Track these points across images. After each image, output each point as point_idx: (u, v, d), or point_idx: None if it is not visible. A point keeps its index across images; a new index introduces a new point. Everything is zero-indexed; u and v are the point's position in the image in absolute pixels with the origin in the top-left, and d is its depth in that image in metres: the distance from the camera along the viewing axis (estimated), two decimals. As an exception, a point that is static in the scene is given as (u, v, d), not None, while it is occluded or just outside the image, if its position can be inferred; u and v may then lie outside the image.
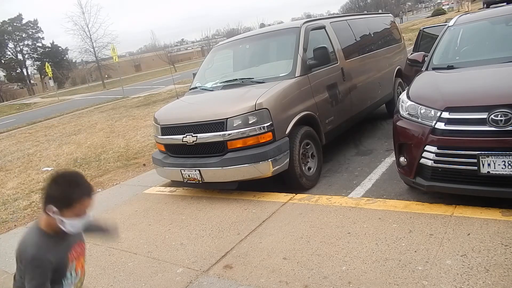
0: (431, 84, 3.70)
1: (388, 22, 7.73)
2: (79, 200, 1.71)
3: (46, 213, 1.71)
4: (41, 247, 1.73)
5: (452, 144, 3.10)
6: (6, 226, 5.15)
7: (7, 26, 64.77)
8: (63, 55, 68.07)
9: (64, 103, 29.95)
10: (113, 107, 18.82)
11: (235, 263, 3.12)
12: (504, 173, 2.89)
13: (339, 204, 3.78)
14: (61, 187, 1.70)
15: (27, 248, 1.73)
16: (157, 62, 59.02)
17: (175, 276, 3.11)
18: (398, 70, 7.36)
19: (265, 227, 3.61)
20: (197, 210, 4.35)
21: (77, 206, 1.70)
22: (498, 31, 4.23)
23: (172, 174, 4.73)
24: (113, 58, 27.25)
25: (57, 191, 1.70)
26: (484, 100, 3.05)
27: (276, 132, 4.15)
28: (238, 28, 68.09)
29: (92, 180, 6.57)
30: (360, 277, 2.61)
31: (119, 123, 12.58)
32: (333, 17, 6.19)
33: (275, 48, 5.51)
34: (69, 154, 9.06)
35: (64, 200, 1.69)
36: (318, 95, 4.85)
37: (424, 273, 2.51)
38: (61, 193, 1.69)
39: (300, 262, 2.93)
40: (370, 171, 4.72)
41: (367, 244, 2.97)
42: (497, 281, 2.31)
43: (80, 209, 1.72)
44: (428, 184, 3.32)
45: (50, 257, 1.73)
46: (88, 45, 46.75)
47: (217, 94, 5.01)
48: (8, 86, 63.78)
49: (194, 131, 4.37)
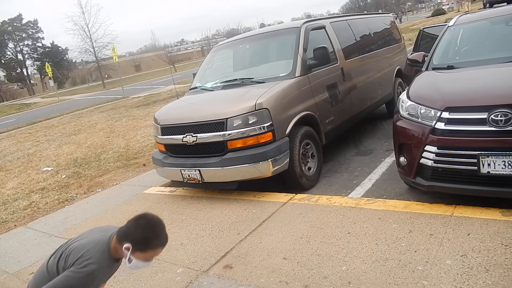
0: (431, 84, 3.70)
1: (388, 22, 7.73)
2: (155, 249, 1.81)
3: (120, 245, 1.79)
4: (101, 268, 1.80)
5: (452, 144, 3.10)
6: (6, 226, 5.16)
7: (7, 26, 64.77)
8: (63, 55, 68.07)
9: (64, 103, 29.95)
10: (113, 107, 18.82)
11: (235, 263, 3.11)
12: (504, 173, 2.89)
13: (339, 204, 3.77)
14: (145, 232, 1.79)
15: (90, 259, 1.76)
16: (157, 62, 59.03)
17: (175, 276, 3.11)
18: (398, 70, 7.37)
19: (265, 227, 3.61)
20: (197, 210, 4.35)
21: (149, 253, 1.81)
22: (498, 31, 4.23)
23: (172, 174, 4.73)
24: (113, 58, 27.25)
25: (139, 234, 1.78)
26: (484, 100, 3.05)
27: (276, 132, 4.15)
28: (238, 28, 68.11)
29: (92, 180, 6.57)
30: (360, 277, 2.61)
31: (119, 123, 12.58)
32: (333, 17, 6.18)
33: (275, 48, 5.51)
34: (69, 154, 9.06)
35: (142, 245, 1.78)
36: (318, 95, 4.85)
37: (424, 273, 2.51)
38: (142, 238, 1.78)
39: (300, 262, 2.93)
40: (370, 171, 4.72)
41: (367, 244, 2.97)
42: (497, 281, 2.31)
43: (151, 256, 1.81)
44: (428, 184, 3.32)
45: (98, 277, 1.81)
46: (88, 45, 46.80)
47: (217, 94, 5.01)
48: (8, 86, 63.78)
49: (194, 131, 4.37)
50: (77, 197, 5.84)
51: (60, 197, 5.93)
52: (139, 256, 1.80)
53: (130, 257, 1.79)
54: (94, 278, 1.80)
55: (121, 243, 1.79)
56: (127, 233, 1.80)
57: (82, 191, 6.10)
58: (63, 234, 4.47)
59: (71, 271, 1.76)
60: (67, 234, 4.40)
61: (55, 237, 4.43)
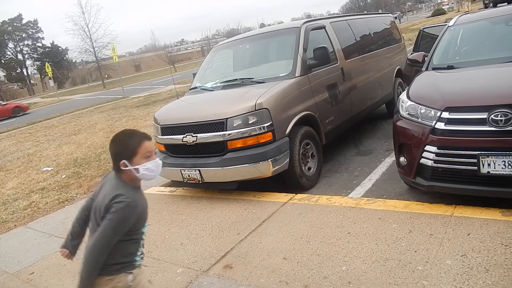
0: (431, 84, 3.70)
1: (388, 22, 7.73)
2: (140, 144, 1.87)
3: (123, 170, 1.88)
4: (135, 198, 1.87)
5: (452, 144, 3.10)
6: (6, 226, 5.15)
7: (7, 26, 64.79)
8: (63, 55, 68.09)
9: (64, 103, 29.94)
10: (113, 107, 18.82)
11: (235, 263, 3.11)
12: (504, 173, 2.89)
13: (339, 204, 3.77)
14: (120, 142, 1.90)
15: (121, 196, 1.82)
16: (157, 62, 59.01)
17: (175, 276, 3.11)
18: (398, 70, 7.36)
19: (265, 227, 3.61)
20: (197, 210, 4.35)
21: (141, 151, 1.87)
22: (498, 31, 4.23)
23: (172, 174, 4.73)
24: (113, 58, 27.22)
25: (119, 147, 1.89)
26: (484, 100, 3.05)
27: (276, 132, 4.15)
28: (238, 28, 68.14)
29: (92, 180, 6.57)
30: (360, 277, 2.61)
31: (119, 123, 12.58)
32: (333, 17, 6.19)
33: (275, 48, 5.51)
34: (69, 154, 9.06)
35: (128, 151, 1.86)
36: (318, 95, 4.85)
37: (424, 273, 2.51)
38: (123, 147, 1.88)
39: (300, 262, 2.93)
40: (370, 171, 4.72)
41: (367, 244, 2.97)
42: (497, 281, 2.31)
43: (146, 152, 1.88)
44: (428, 184, 3.32)
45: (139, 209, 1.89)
46: (88, 45, 46.82)
47: (217, 94, 5.01)
48: (8, 86, 63.74)
49: (194, 131, 4.37)
50: (77, 197, 5.84)
51: (60, 197, 5.93)
52: (138, 161, 1.87)
53: (133, 168, 1.86)
54: (135, 210, 1.86)
55: (119, 168, 1.87)
56: (114, 157, 1.90)
57: (82, 191, 6.10)
58: (63, 234, 4.47)
59: (111, 213, 1.80)
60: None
61: (55, 237, 4.43)
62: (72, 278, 3.41)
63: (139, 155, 1.87)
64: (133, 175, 1.89)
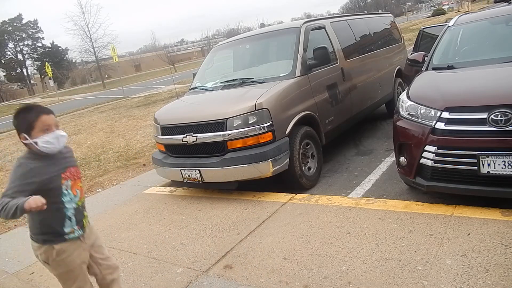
0: (431, 84, 3.70)
1: (388, 22, 7.73)
2: (37, 118, 1.97)
3: (24, 143, 2.00)
4: (28, 158, 2.01)
5: (452, 144, 3.10)
6: (6, 226, 5.15)
7: (7, 26, 64.81)
8: (63, 55, 68.11)
9: (64, 103, 29.94)
10: (113, 107, 18.82)
11: (235, 263, 3.11)
12: (504, 173, 2.89)
13: (339, 204, 3.77)
14: (20, 116, 2.01)
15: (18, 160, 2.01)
16: (157, 62, 59.03)
17: (175, 276, 3.11)
18: (398, 70, 7.37)
19: (265, 227, 3.61)
20: (197, 210, 4.35)
21: (38, 125, 1.97)
22: (498, 31, 4.23)
23: (172, 174, 4.73)
24: (113, 58, 27.23)
25: (18, 121, 2.01)
26: (484, 100, 3.05)
27: (276, 132, 4.15)
28: (238, 28, 68.16)
29: (92, 180, 6.57)
30: (360, 277, 2.61)
31: (119, 123, 12.58)
32: (333, 17, 6.18)
33: (275, 48, 5.50)
34: (69, 154, 9.04)
35: (26, 125, 1.97)
36: (318, 95, 4.85)
37: (424, 273, 2.51)
38: (21, 121, 1.99)
39: (300, 262, 2.93)
40: (370, 171, 4.72)
41: (367, 244, 2.97)
42: (497, 281, 2.31)
43: (43, 126, 1.98)
44: (428, 184, 3.32)
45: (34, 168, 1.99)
46: (88, 45, 46.88)
47: (217, 94, 5.01)
48: (8, 86, 63.82)
49: (194, 131, 4.37)
50: (77, 197, 5.83)
51: (60, 197, 5.92)
52: (36, 134, 1.97)
53: (32, 141, 1.97)
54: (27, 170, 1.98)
55: (23, 142, 2.00)
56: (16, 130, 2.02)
57: (82, 191, 6.09)
58: (63, 234, 4.47)
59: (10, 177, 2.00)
60: (67, 234, 4.40)
61: (55, 237, 4.42)
62: (72, 278, 3.41)
63: (36, 128, 1.96)
64: (34, 148, 2.00)
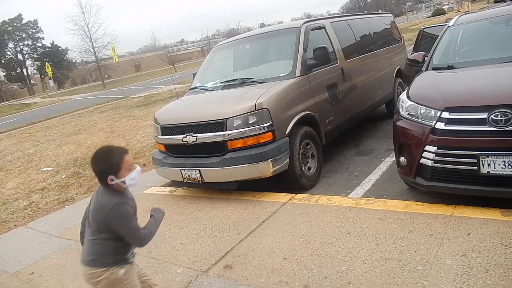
0: (431, 84, 3.70)
1: (388, 22, 7.73)
2: (122, 160, 2.08)
3: (110, 184, 2.08)
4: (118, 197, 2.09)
5: (452, 144, 3.10)
6: (6, 226, 5.15)
7: (7, 26, 64.77)
8: (63, 55, 68.09)
9: (64, 103, 29.94)
10: (113, 107, 18.82)
11: (235, 263, 3.11)
12: (504, 173, 2.89)
13: (339, 204, 3.77)
14: (103, 160, 2.09)
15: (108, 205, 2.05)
16: (157, 62, 59.00)
17: (175, 276, 3.11)
18: (398, 70, 7.37)
19: (265, 227, 3.61)
20: (197, 210, 4.35)
21: (124, 165, 2.08)
22: (498, 31, 4.22)
23: (172, 174, 4.73)
24: (113, 58, 27.23)
25: (103, 165, 2.08)
26: (484, 100, 3.05)
27: (276, 132, 4.15)
28: (238, 28, 68.15)
29: (92, 180, 6.57)
30: (360, 277, 2.61)
31: (119, 123, 12.58)
32: (333, 17, 6.18)
33: (275, 48, 5.50)
34: (69, 154, 9.06)
35: (113, 167, 2.06)
36: (318, 95, 4.85)
37: (424, 273, 2.51)
38: (107, 165, 2.07)
39: (300, 262, 2.93)
40: (370, 171, 4.72)
41: (367, 244, 2.97)
42: (497, 281, 2.31)
43: (128, 166, 2.10)
44: (428, 184, 3.32)
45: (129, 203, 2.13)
46: (88, 45, 46.88)
47: (217, 94, 5.01)
48: (8, 86, 63.80)
49: (194, 131, 4.37)
50: (77, 197, 5.84)
51: (60, 197, 5.93)
52: (123, 174, 2.08)
53: (119, 181, 2.07)
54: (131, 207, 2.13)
55: (107, 183, 2.06)
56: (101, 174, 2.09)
57: (82, 191, 6.10)
58: (63, 234, 4.47)
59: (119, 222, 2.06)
60: (67, 234, 4.40)
61: (55, 237, 4.43)
62: (72, 278, 3.42)
63: (123, 169, 2.08)
64: (118, 186, 2.10)
